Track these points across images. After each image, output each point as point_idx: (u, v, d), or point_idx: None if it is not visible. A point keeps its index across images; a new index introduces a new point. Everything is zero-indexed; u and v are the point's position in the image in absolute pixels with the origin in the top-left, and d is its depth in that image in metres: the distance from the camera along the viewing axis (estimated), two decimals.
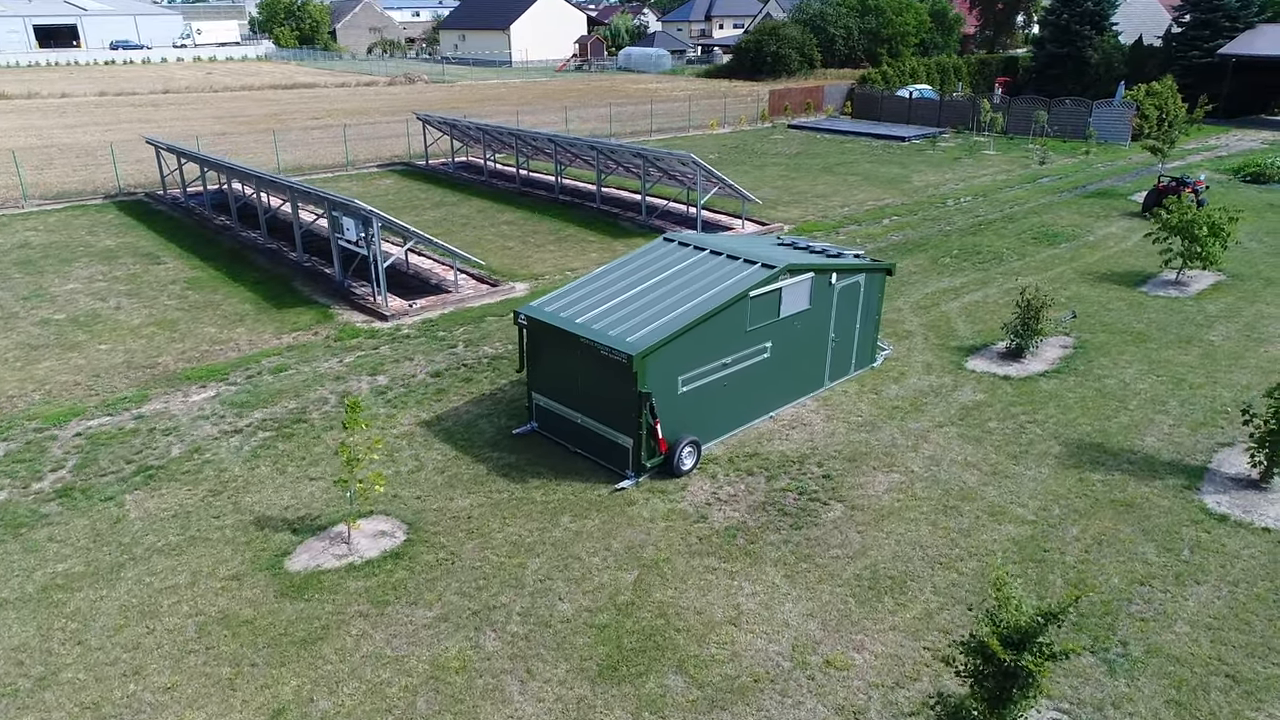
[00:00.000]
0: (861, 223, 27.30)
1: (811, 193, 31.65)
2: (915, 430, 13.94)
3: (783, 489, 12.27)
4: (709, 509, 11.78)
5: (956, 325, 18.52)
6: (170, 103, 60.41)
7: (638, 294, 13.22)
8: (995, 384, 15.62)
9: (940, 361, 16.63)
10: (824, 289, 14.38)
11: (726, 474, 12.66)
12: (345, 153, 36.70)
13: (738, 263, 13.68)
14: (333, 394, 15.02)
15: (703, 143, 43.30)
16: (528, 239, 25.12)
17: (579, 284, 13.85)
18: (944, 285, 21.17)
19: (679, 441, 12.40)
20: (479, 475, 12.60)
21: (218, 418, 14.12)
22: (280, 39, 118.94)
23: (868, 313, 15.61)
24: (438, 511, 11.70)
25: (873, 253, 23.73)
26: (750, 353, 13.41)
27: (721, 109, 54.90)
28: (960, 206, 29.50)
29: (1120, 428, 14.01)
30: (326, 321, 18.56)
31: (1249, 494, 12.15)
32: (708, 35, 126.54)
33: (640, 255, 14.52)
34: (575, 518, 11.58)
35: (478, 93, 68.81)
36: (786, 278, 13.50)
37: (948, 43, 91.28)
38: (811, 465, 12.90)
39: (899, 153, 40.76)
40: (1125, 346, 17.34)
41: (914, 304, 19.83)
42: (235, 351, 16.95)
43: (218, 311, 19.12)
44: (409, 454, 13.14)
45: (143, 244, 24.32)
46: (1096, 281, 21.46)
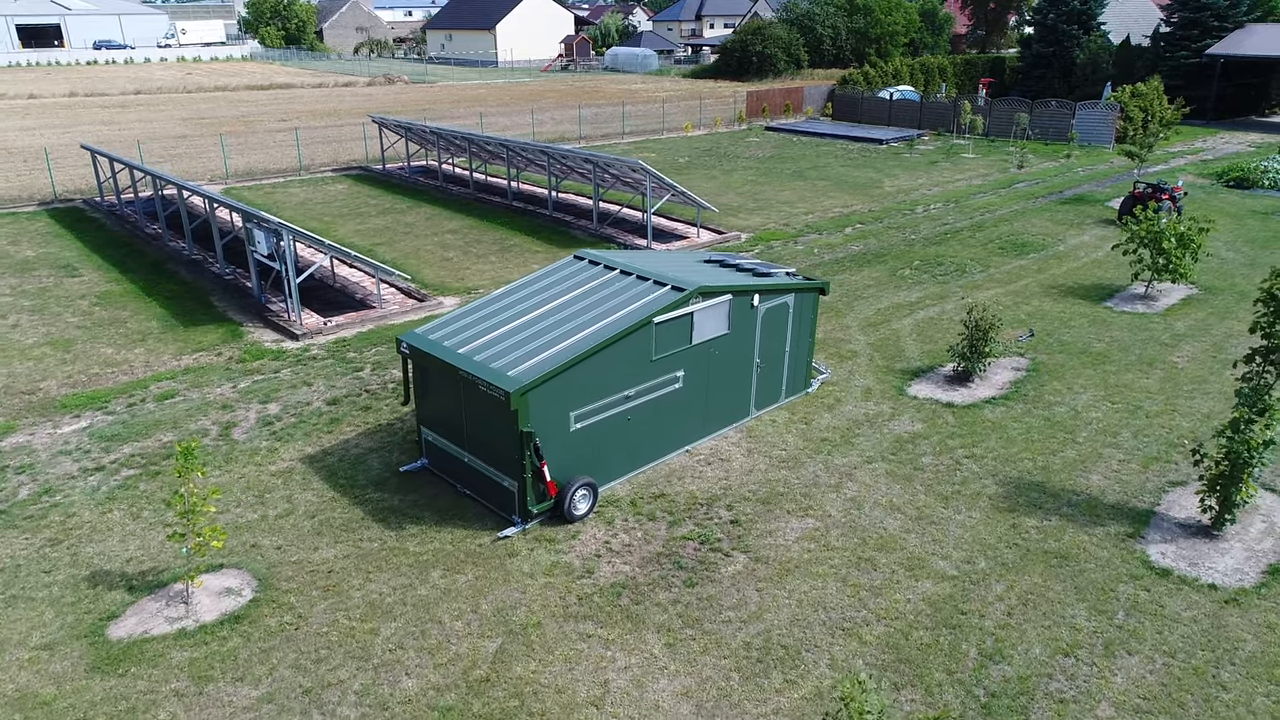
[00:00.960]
0: (824, 231, 26.15)
1: (777, 199, 30.50)
2: (841, 466, 12.79)
3: (684, 537, 11.12)
4: (597, 561, 10.63)
5: (906, 345, 17.37)
6: (139, 104, 59.23)
7: (533, 320, 12.07)
8: (936, 412, 14.47)
9: (881, 386, 15.48)
10: (745, 311, 13.23)
11: (626, 519, 11.51)
12: (298, 157, 35.53)
13: (647, 284, 12.53)
14: (215, 425, 13.87)
15: (675, 146, 42.15)
16: (470, 248, 23.97)
17: (474, 307, 12.70)
18: (899, 300, 20.01)
19: (571, 484, 11.25)
20: (353, 520, 11.45)
21: (81, 453, 12.97)
22: (266, 39, 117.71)
23: (799, 335, 14.47)
24: (296, 564, 10.55)
25: (829, 264, 22.60)
26: (658, 383, 12.26)
27: (706, 110, 53.73)
28: (929, 214, 28.34)
29: (1065, 464, 12.85)
30: (234, 341, 17.41)
31: (1198, 543, 10.99)
32: (698, 35, 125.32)
33: (545, 275, 13.37)
34: (447, 572, 10.43)
35: (456, 94, 67.65)
36: (699, 300, 12.35)
37: (938, 43, 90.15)
38: (720, 508, 11.75)
39: (875, 156, 39.61)
40: (1082, 369, 16.18)
41: (864, 321, 18.67)
42: (127, 375, 15.81)
43: (121, 329, 17.98)
44: (281, 495, 11.99)
45: (65, 255, 23.18)
46: (1061, 296, 20.31)
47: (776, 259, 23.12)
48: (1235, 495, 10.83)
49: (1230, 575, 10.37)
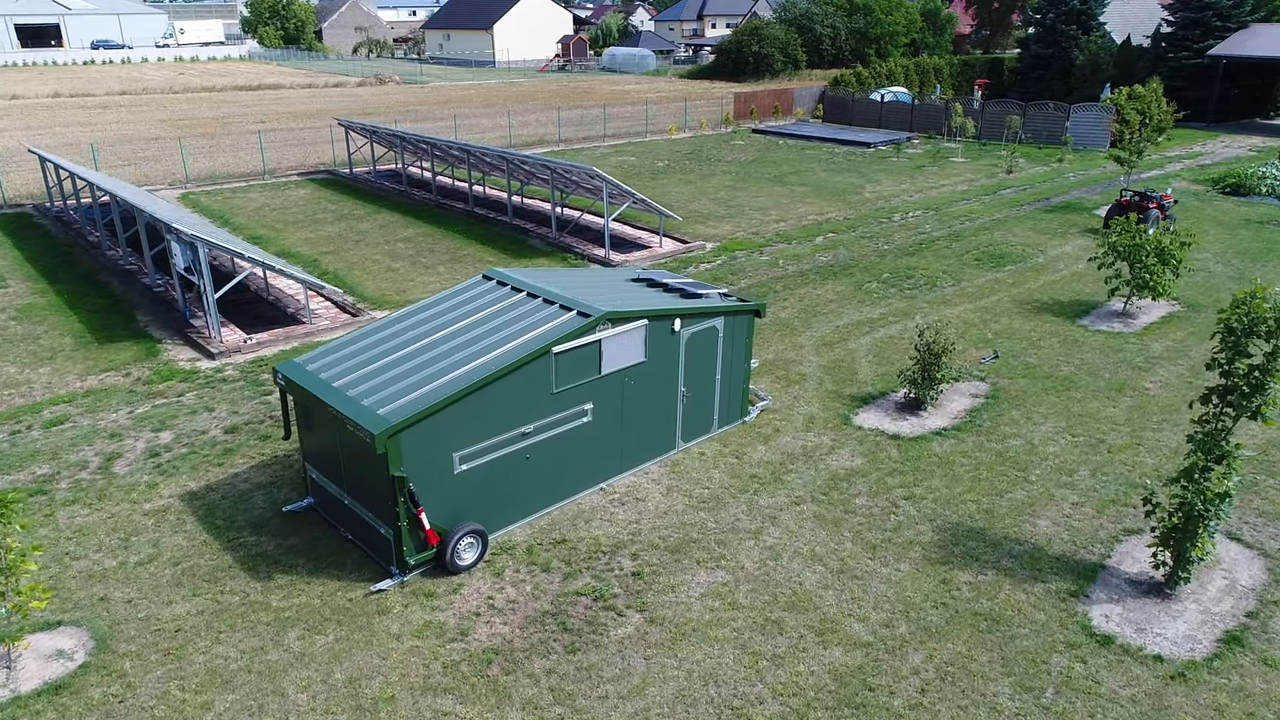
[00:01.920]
0: (793, 240, 25.03)
1: (751, 206, 29.39)
2: (766, 508, 11.71)
3: (576, 592, 10.06)
4: (475, 621, 9.58)
5: (860, 367, 16.26)
6: (122, 105, 58.50)
7: (423, 348, 11.03)
8: (880, 445, 13.37)
9: (826, 414, 14.38)
10: (665, 338, 12.17)
11: (518, 569, 10.46)
12: (261, 160, 34.60)
13: (552, 309, 11.47)
14: (98, 456, 12.88)
15: (656, 149, 41.08)
16: (420, 258, 22.96)
17: (365, 332, 11.66)
18: (861, 316, 18.90)
19: (455, 532, 10.21)
20: (219, 569, 10.44)
21: None
22: (264, 39, 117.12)
23: (731, 361, 13.40)
24: (142, 622, 9.54)
25: (792, 277, 21.50)
26: (562, 417, 11.21)
27: (694, 111, 52.62)
28: (906, 222, 27.19)
29: (1012, 507, 11.74)
30: (148, 359, 16.44)
31: (1148, 604, 9.87)
32: (700, 35, 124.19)
33: (448, 297, 12.33)
34: (307, 632, 9.41)
35: (444, 95, 66.72)
36: (607, 327, 11.29)
37: (939, 43, 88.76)
38: (624, 557, 10.68)
39: (860, 160, 38.44)
40: (1045, 395, 15.05)
41: (820, 339, 17.57)
42: (24, 398, 14.85)
43: (33, 346, 17.03)
44: (149, 538, 10.98)
45: None
46: (1034, 312, 19.15)
47: (738, 270, 22.04)
48: (1190, 551, 9.71)
49: (1180, 644, 9.25)
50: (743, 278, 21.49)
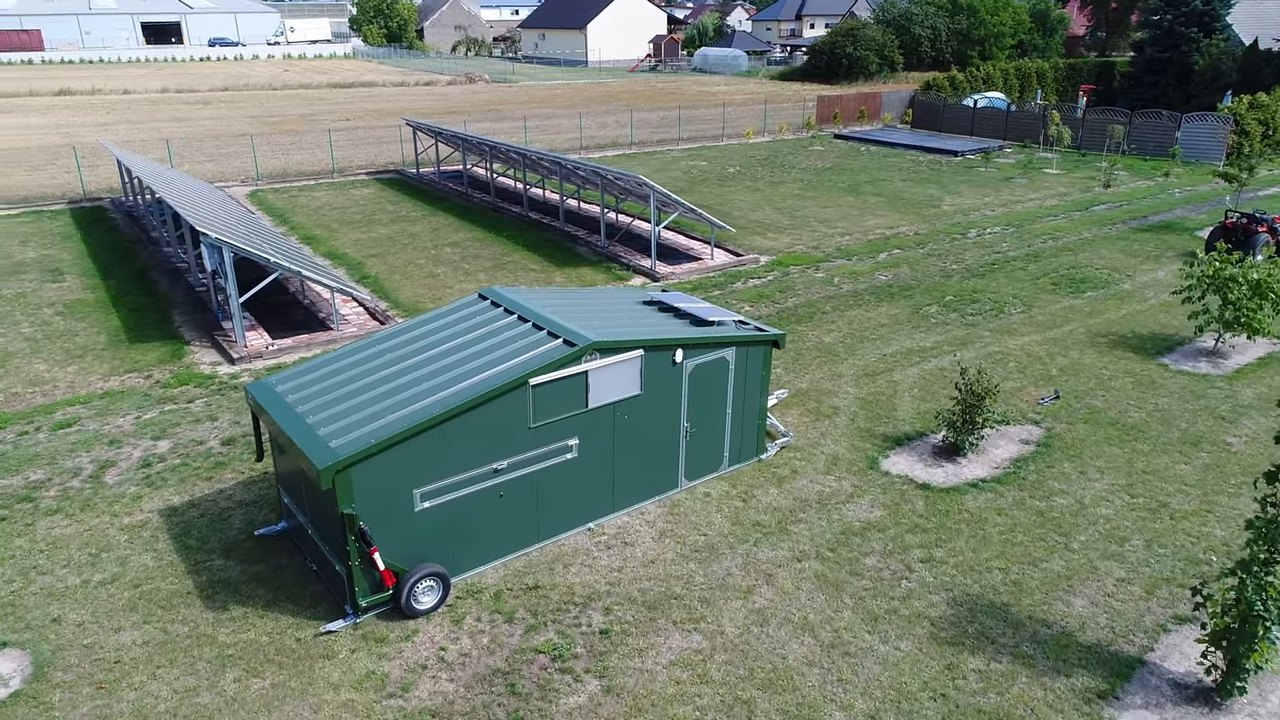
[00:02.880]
0: (854, 256, 23.61)
1: (816, 217, 28.01)
2: (764, 562, 10.64)
3: (535, 648, 9.23)
4: (420, 675, 8.87)
5: (901, 402, 14.93)
6: (222, 101, 60.75)
7: (395, 374, 10.39)
8: (905, 495, 12.09)
9: (852, 456, 13.16)
10: (664, 369, 11.22)
11: (480, 617, 9.71)
12: (331, 159, 35.02)
13: (539, 335, 10.68)
14: (92, 463, 12.75)
15: (729, 154, 39.91)
16: (463, 264, 22.56)
17: (344, 352, 11.12)
18: (912, 344, 17.48)
19: (412, 574, 9.53)
20: (176, 595, 10.04)
21: None
22: (368, 37, 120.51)
23: (745, 394, 12.34)
24: (86, 649, 9.19)
25: (845, 297, 20.16)
26: (541, 453, 10.40)
27: (776, 114, 51.19)
28: (981, 239, 25.36)
29: (1045, 579, 10.34)
30: (172, 361, 16.44)
31: (1192, 715, 8.42)
32: (797, 35, 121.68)
33: (437, 317, 11.68)
34: (245, 674, 8.87)
35: (529, 95, 66.94)
36: (594, 358, 10.43)
37: (1049, 45, 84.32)
38: (596, 611, 9.80)
39: (945, 170, 36.39)
40: (1106, 446, 13.44)
41: (862, 369, 16.27)
42: (44, 396, 14.97)
43: (69, 343, 17.27)
44: (118, 556, 10.69)
45: (61, 258, 22.94)
46: (1109, 347, 17.34)
47: (788, 288, 20.82)
48: (1246, 657, 8.22)
49: None
50: (790, 296, 20.28)
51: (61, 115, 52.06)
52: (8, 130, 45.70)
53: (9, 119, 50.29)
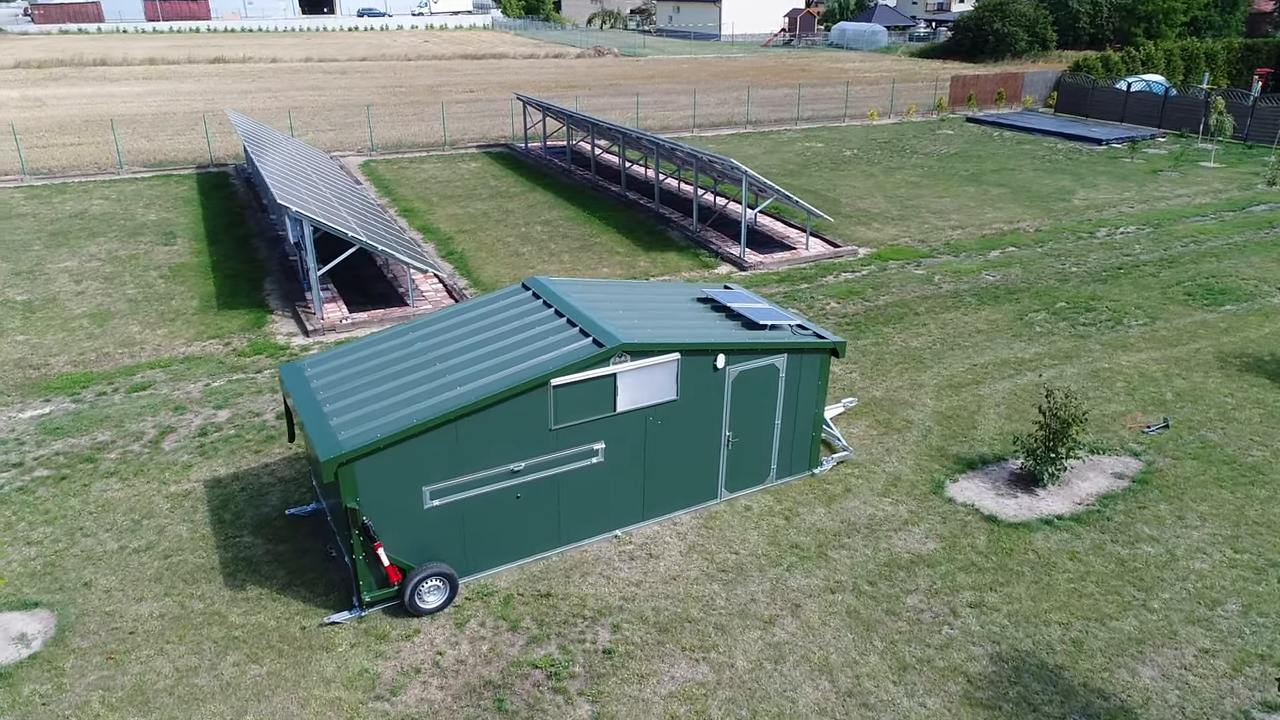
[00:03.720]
0: (963, 252, 21.96)
1: (929, 207, 26.27)
2: (794, 590, 9.86)
3: (534, 663, 8.84)
4: (412, 680, 8.63)
5: (984, 419, 13.67)
6: (358, 71, 62.93)
7: (420, 364, 10.13)
8: (967, 527, 10.99)
9: (916, 477, 12.10)
10: (704, 375, 10.53)
11: (483, 622, 9.39)
12: (444, 132, 35.49)
13: (571, 332, 10.19)
14: (154, 429, 13.19)
15: (849, 135, 38.11)
16: (550, 244, 22.32)
17: (376, 338, 10.95)
18: (1009, 354, 16.02)
19: (417, 573, 9.29)
20: (201, 569, 10.19)
21: (15, 444, 12.71)
22: (507, 8, 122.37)
23: (798, 404, 11.50)
24: (107, 616, 9.43)
25: (943, 298, 18.73)
26: (563, 456, 9.95)
27: (907, 94, 48.66)
28: (1111, 239, 23.12)
29: (1112, 640, 9.13)
30: (254, 330, 16.91)
31: None
32: (946, 9, 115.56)
33: (474, 306, 11.35)
34: (245, 660, 8.88)
35: (653, 69, 66.20)
36: (624, 360, 9.85)
37: (1228, 23, 76.70)
38: (605, 627, 9.31)
39: (1084, 160, 33.52)
40: (1214, 488, 11.84)
41: (947, 379, 15.02)
42: (130, 358, 15.67)
43: (165, 306, 18.06)
44: (157, 524, 10.97)
45: (179, 221, 24.12)
46: (1240, 371, 15.38)
47: (882, 284, 19.53)
48: None
49: None
50: (883, 293, 19.01)
51: (212, 83, 55.19)
52: (160, 96, 48.78)
53: (165, 85, 53.70)
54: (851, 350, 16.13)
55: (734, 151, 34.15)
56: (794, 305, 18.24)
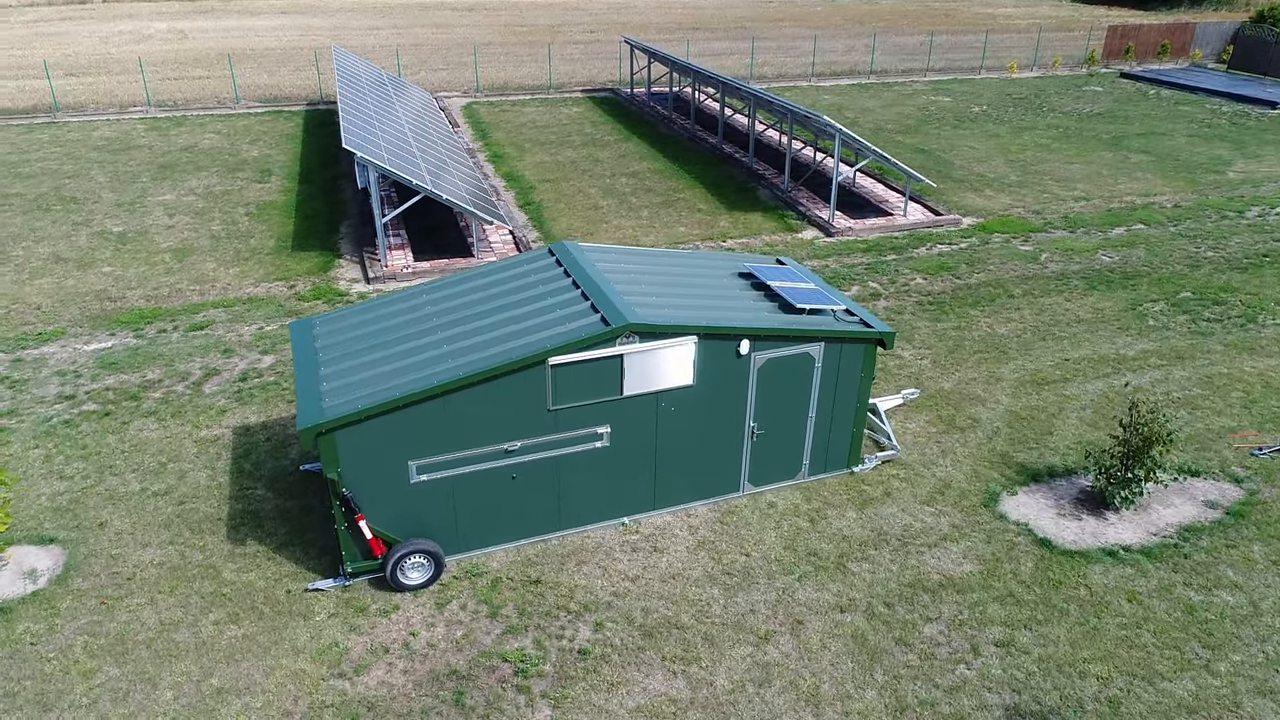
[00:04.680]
0: (1080, 227, 19.80)
1: (1055, 174, 23.85)
2: (800, 604, 9.03)
3: (504, 655, 8.42)
4: (379, 660, 8.37)
5: (1064, 425, 12.21)
6: (485, 8, 62.80)
7: (424, 330, 9.70)
8: (1014, 550, 9.79)
9: (969, 485, 10.91)
10: (726, 360, 9.68)
11: (464, 605, 9.03)
12: (549, 75, 34.85)
13: (581, 307, 9.51)
14: (200, 370, 13.42)
15: (982, 89, 35.16)
16: (631, 198, 21.53)
17: (390, 299, 10.57)
18: (1110, 350, 14.29)
19: (400, 549, 8.99)
20: (209, 519, 10.26)
21: (72, 377, 13.19)
22: None
23: (836, 398, 10.49)
24: (112, 559, 9.61)
25: (1045, 280, 16.93)
26: (563, 439, 9.38)
27: (1056, 45, 44.57)
28: (1263, 220, 20.32)
29: (1157, 703, 7.89)
30: (319, 273, 17.04)
31: None
32: None
33: (494, 271, 10.80)
34: (226, 619, 8.85)
35: (785, 12, 63.15)
36: (632, 340, 9.12)
37: None
38: (587, 625, 8.78)
39: (1250, 126, 29.72)
40: None
41: (1029, 374, 13.52)
42: (199, 296, 16.06)
43: (243, 244, 18.44)
44: (180, 468, 11.13)
45: (278, 159, 24.64)
46: None
47: (978, 260, 17.83)
48: None
49: None
50: (978, 270, 17.35)
51: (344, 18, 56.39)
52: (292, 30, 50.18)
53: (300, 19, 55.23)
54: (927, 334, 14.77)
55: (850, 104, 32.13)
56: (875, 279, 16.89)
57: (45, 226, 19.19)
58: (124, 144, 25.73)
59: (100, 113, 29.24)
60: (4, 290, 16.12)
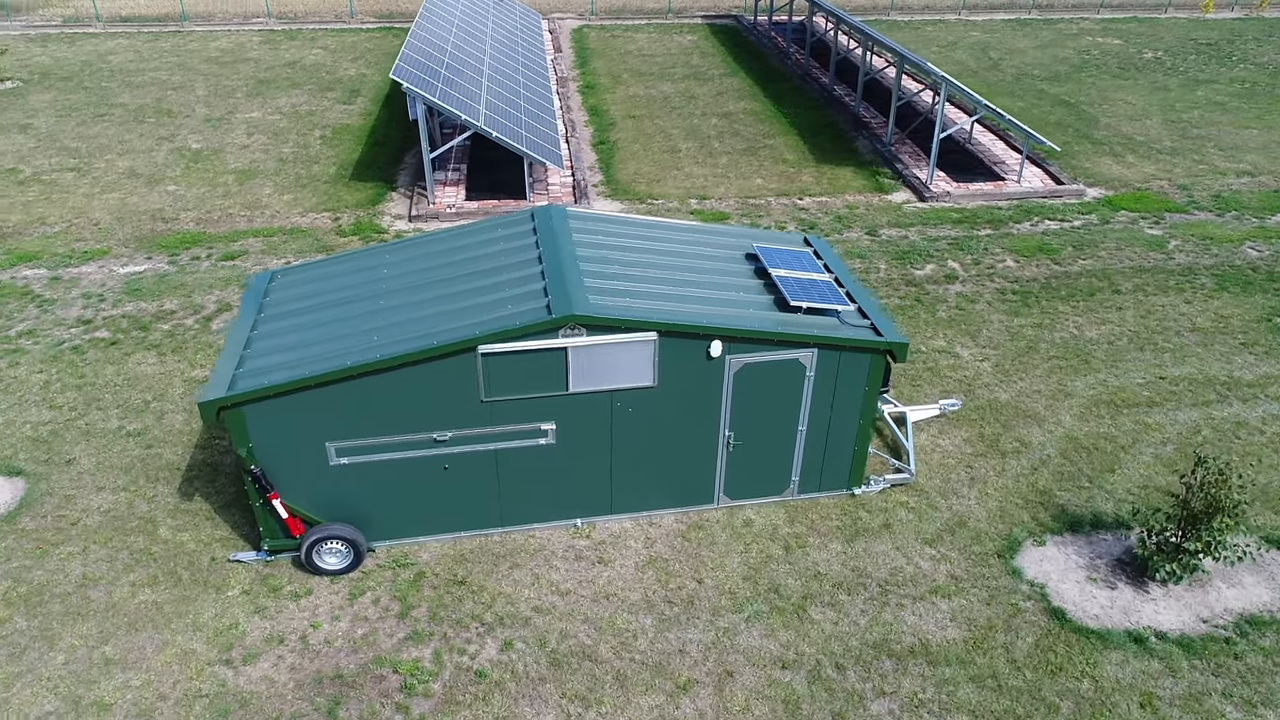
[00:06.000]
0: (1231, 210, 16.71)
1: (1221, 142, 20.31)
2: (737, 651, 7.89)
3: (397, 665, 7.77)
4: (271, 650, 7.91)
5: (1130, 461, 10.25)
6: None
7: (370, 295, 8.92)
8: (1016, 618, 8.21)
9: (989, 527, 9.29)
10: (692, 361, 8.44)
11: (378, 599, 8.43)
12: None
13: (532, 288, 8.46)
14: (214, 303, 13.27)
15: (1164, 31, 30.54)
16: (715, 142, 19.89)
17: (350, 256, 9.82)
18: (1221, 370, 11.92)
19: (317, 532, 8.43)
20: (169, 467, 10.07)
21: (96, 300, 13.32)
22: None
23: (833, 410, 9.06)
24: (64, 500, 9.58)
25: (1167, 273, 14.40)
26: (501, 433, 8.48)
27: None
28: None
29: None
30: (368, 206, 16.62)
31: None
32: None
33: (465, 234, 9.82)
34: (144, 581, 8.62)
35: None
36: (578, 333, 8.02)
37: None
38: (496, 641, 7.99)
39: None
40: None
41: (1108, 393, 11.45)
42: (246, 223, 15.98)
43: (305, 170, 18.24)
44: (159, 408, 10.99)
45: (371, 78, 24.33)
46: None
47: (1089, 243, 15.32)
48: None
49: None
50: (1085, 256, 14.92)
51: None
52: None
53: None
54: (997, 330, 12.80)
55: (999, 43, 28.65)
56: (956, 258, 14.82)
57: (134, 139, 19.68)
58: (234, 57, 26.13)
59: (224, 23, 29.86)
60: (75, 204, 16.60)
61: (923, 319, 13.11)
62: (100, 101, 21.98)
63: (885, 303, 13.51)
